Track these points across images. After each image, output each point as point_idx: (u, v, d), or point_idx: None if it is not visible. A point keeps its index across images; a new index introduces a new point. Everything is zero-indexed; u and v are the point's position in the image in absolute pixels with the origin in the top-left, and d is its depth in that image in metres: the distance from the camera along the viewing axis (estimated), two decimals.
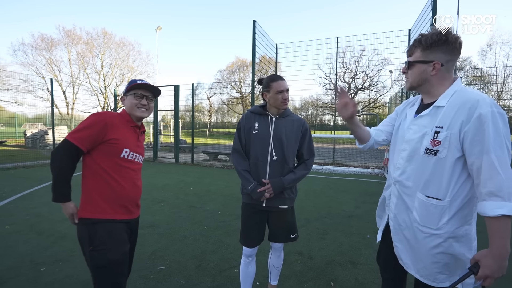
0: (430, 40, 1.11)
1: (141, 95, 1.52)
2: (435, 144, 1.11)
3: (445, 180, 1.11)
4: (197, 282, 2.32)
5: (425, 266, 1.18)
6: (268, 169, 1.79)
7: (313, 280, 2.39)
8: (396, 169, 1.27)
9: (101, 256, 1.35)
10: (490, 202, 0.98)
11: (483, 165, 1.00)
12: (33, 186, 5.81)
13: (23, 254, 2.76)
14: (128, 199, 1.48)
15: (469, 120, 1.03)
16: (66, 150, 1.34)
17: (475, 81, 20.56)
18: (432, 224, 1.14)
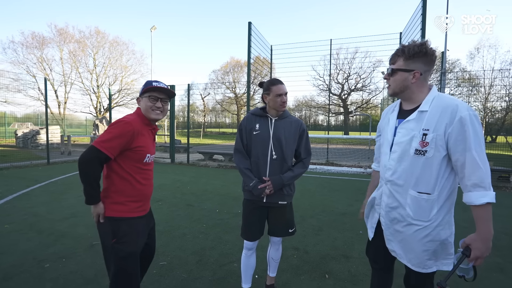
0: (412, 51, 1.25)
1: (156, 97, 1.56)
2: (423, 145, 1.24)
3: (433, 176, 1.25)
4: (199, 276, 2.42)
5: (416, 255, 1.32)
6: (268, 167, 1.91)
7: (309, 273, 2.52)
8: (387, 170, 1.38)
9: (123, 248, 1.48)
10: (475, 193, 1.14)
11: (467, 161, 1.15)
12: (29, 186, 5.79)
13: (25, 252, 2.81)
14: (146, 197, 1.63)
15: (452, 122, 1.17)
16: (96, 158, 1.40)
17: (463, 83, 21.10)
18: (424, 217, 1.28)
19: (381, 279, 1.60)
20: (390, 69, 1.33)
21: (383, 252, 1.48)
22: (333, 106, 32.81)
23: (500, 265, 2.71)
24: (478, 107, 21.33)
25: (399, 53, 1.30)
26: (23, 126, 16.48)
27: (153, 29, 19.58)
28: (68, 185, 5.95)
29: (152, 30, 19.57)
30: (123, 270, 1.48)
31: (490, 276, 2.50)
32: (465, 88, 21.36)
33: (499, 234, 3.52)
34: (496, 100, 21.02)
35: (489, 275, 2.51)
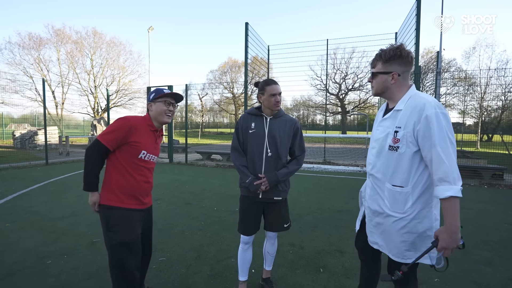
0: (388, 55, 1.36)
1: (170, 102, 1.77)
2: (395, 141, 1.34)
3: (406, 170, 1.34)
4: (197, 271, 2.50)
5: (395, 245, 1.40)
6: (264, 164, 1.99)
7: (304, 267, 2.60)
8: (368, 164, 1.52)
9: (114, 236, 1.59)
10: (440, 187, 1.21)
11: (433, 157, 1.23)
12: (28, 186, 5.84)
13: (27, 249, 2.87)
14: (140, 192, 1.72)
15: (419, 120, 1.26)
16: (97, 149, 1.59)
17: (460, 82, 21.28)
18: (399, 209, 1.37)
19: (369, 270, 1.69)
20: (371, 72, 1.46)
21: (368, 244, 1.57)
22: (331, 106, 32.97)
23: (489, 258, 2.81)
24: (474, 106, 21.53)
25: (377, 57, 1.41)
26: (20, 127, 16.45)
27: (150, 30, 19.60)
28: (67, 185, 6.00)
29: (150, 30, 19.60)
30: (115, 258, 1.59)
31: (478, 269, 2.59)
32: (461, 88, 21.55)
33: (490, 230, 3.63)
34: (492, 99, 21.22)
35: (478, 268, 2.61)
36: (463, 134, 17.71)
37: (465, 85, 21.03)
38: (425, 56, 25.87)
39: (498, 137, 18.11)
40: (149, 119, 1.76)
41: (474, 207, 4.74)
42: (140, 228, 1.72)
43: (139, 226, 1.72)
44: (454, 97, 22.37)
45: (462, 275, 2.49)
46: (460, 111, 21.98)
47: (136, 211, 1.70)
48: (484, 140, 22.56)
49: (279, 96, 1.97)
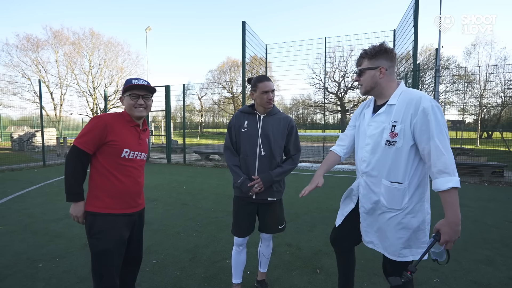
0: (374, 51, 1.38)
1: (137, 95, 1.59)
2: (393, 136, 1.33)
3: (403, 166, 1.33)
4: (191, 273, 2.44)
5: (391, 243, 1.39)
6: (257, 164, 1.93)
7: (301, 268, 2.55)
8: (362, 162, 1.47)
9: (96, 243, 1.50)
10: (440, 179, 1.20)
11: (431, 149, 1.22)
12: (24, 188, 5.78)
13: (19, 252, 2.81)
14: (129, 195, 1.61)
15: (416, 113, 1.26)
16: (74, 155, 1.49)
17: (459, 80, 21.20)
18: (397, 205, 1.36)
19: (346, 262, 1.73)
20: (358, 70, 1.45)
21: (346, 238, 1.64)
22: (330, 105, 32.89)
23: (489, 257, 2.75)
24: (474, 103, 21.46)
25: (362, 55, 1.43)
26: (19, 129, 16.39)
27: (148, 30, 19.54)
28: (63, 187, 5.92)
29: (147, 30, 19.53)
30: (96, 265, 1.51)
31: (479, 268, 2.54)
32: (461, 85, 21.47)
33: (490, 228, 3.57)
34: (492, 96, 21.14)
35: (478, 267, 2.55)
36: (462, 132, 17.65)
37: (465, 82, 20.96)
38: (423, 54, 25.79)
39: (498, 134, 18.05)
40: (127, 114, 1.63)
41: (474, 204, 4.69)
42: (127, 234, 1.62)
43: (126, 231, 1.62)
44: (454, 94, 22.32)
45: (462, 274, 2.44)
46: (459, 108, 21.93)
47: (123, 216, 1.59)
48: (484, 138, 22.48)
49: (271, 93, 1.90)
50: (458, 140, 16.35)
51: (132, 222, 1.67)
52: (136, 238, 1.74)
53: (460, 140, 16.25)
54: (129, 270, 1.78)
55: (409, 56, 8.58)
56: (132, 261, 1.77)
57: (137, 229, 1.74)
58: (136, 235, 1.74)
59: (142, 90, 1.61)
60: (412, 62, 7.23)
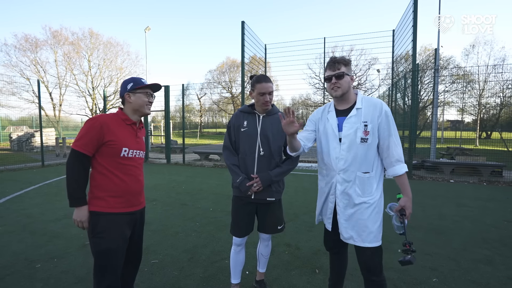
0: (347, 60, 1.59)
1: (150, 93, 1.68)
2: (366, 134, 1.56)
3: (372, 158, 1.58)
4: (190, 273, 2.44)
5: (371, 231, 1.56)
6: (256, 164, 1.92)
7: (300, 268, 2.54)
8: (339, 160, 1.60)
9: (99, 242, 1.50)
10: (397, 166, 1.53)
11: (390, 143, 1.54)
12: (23, 188, 5.77)
13: (17, 252, 2.80)
14: (131, 193, 1.62)
15: (380, 114, 1.55)
16: (75, 159, 1.49)
17: (458, 80, 21.23)
18: (369, 193, 1.57)
19: (339, 261, 1.87)
20: (340, 72, 1.56)
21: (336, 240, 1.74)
22: None
23: (488, 257, 2.75)
24: (473, 103, 21.49)
25: (340, 61, 1.58)
26: (18, 129, 16.36)
27: (147, 30, 19.51)
28: (62, 187, 5.93)
29: (146, 31, 19.51)
30: (99, 264, 1.51)
31: (478, 268, 2.54)
32: (460, 85, 21.50)
33: (489, 228, 3.57)
34: (491, 96, 21.17)
35: (477, 267, 2.55)
36: (462, 132, 17.67)
37: (464, 82, 20.98)
38: (422, 54, 25.78)
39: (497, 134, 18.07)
40: (123, 113, 1.64)
41: (473, 204, 4.69)
42: (129, 232, 1.63)
43: (128, 230, 1.63)
44: (453, 94, 22.34)
45: (461, 274, 2.44)
46: (458, 108, 21.95)
47: (126, 215, 1.60)
48: (483, 138, 22.51)
49: (268, 95, 1.87)
50: (457, 140, 16.37)
51: (134, 221, 1.68)
52: (137, 237, 1.75)
53: (459, 140, 16.27)
54: (129, 269, 1.78)
55: (408, 56, 8.59)
56: (132, 260, 1.77)
57: (138, 228, 1.74)
58: (137, 234, 1.75)
59: (151, 89, 1.69)
60: (412, 62, 7.23)
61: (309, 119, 1.81)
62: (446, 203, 4.78)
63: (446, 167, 7.69)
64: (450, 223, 3.73)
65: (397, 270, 2.48)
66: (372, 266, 1.57)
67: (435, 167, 7.90)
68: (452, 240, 3.15)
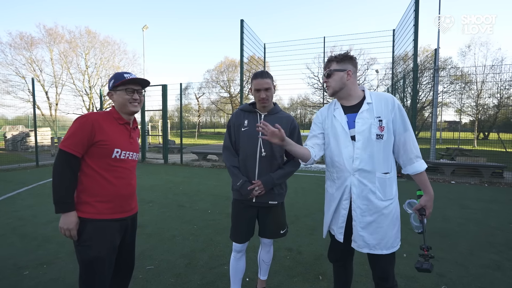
0: (341, 56, 1.50)
1: (133, 89, 1.49)
2: (381, 129, 1.44)
3: (389, 157, 1.47)
4: (187, 280, 2.31)
5: (389, 236, 1.45)
6: (258, 165, 1.81)
7: (302, 275, 2.43)
8: (355, 160, 1.45)
9: (85, 251, 1.38)
10: (417, 163, 1.43)
11: (406, 139, 1.44)
12: (15, 189, 5.61)
13: (5, 258, 2.66)
14: (121, 198, 1.48)
15: (393, 109, 1.45)
16: (63, 160, 1.35)
17: (456, 81, 21.25)
18: (390, 195, 1.46)
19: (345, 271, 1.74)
20: (328, 70, 1.51)
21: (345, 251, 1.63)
22: None
23: (496, 262, 2.66)
24: (471, 104, 21.52)
25: (331, 59, 1.52)
26: (13, 129, 16.12)
27: (144, 29, 19.31)
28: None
29: (144, 29, 19.30)
30: (86, 275, 1.39)
31: (486, 274, 2.44)
32: (458, 86, 21.51)
33: (494, 230, 3.49)
34: (488, 97, 21.21)
35: (486, 273, 2.46)
36: (460, 132, 17.65)
37: (462, 83, 20.99)
38: (421, 55, 25.79)
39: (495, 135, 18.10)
40: (116, 112, 1.51)
41: (477, 206, 4.61)
42: (118, 240, 1.50)
43: (118, 237, 1.50)
44: (451, 95, 22.36)
45: (470, 280, 2.34)
46: (456, 109, 21.97)
47: (115, 221, 1.46)
48: (481, 138, 22.56)
49: (265, 91, 1.76)
50: (455, 141, 16.35)
51: (124, 227, 1.54)
52: (128, 244, 1.61)
53: (457, 140, 16.25)
54: (120, 279, 1.64)
55: (407, 57, 8.52)
56: (123, 269, 1.63)
57: (129, 235, 1.61)
58: (129, 241, 1.61)
59: (137, 85, 1.50)
60: (413, 62, 7.15)
61: (313, 123, 1.68)
62: (449, 205, 4.69)
63: (447, 168, 7.62)
64: (454, 226, 3.63)
65: (403, 276, 2.37)
66: (386, 274, 1.48)
67: (435, 168, 7.84)
68: (458, 244, 3.06)
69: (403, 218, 1.54)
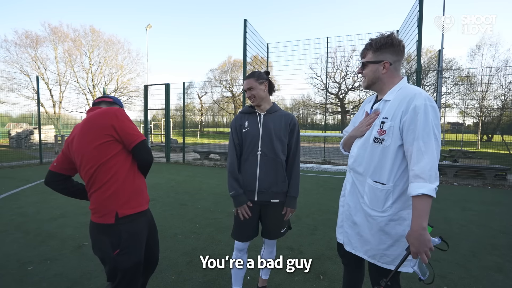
0: (379, 43, 1.28)
1: None
2: (381, 133, 1.25)
3: (388, 166, 1.24)
4: (188, 278, 2.33)
5: (372, 247, 1.31)
6: (259, 163, 1.84)
7: (303, 274, 2.44)
8: (351, 157, 1.42)
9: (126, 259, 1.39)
10: (414, 184, 1.11)
11: (413, 151, 1.13)
12: (19, 186, 5.66)
13: (9, 253, 2.70)
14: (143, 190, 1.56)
15: (407, 111, 1.17)
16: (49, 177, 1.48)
17: (460, 82, 21.10)
18: (378, 207, 1.27)
19: (352, 275, 1.59)
20: (361, 63, 1.35)
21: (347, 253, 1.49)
22: (330, 106, 32.80)
23: (498, 264, 2.65)
24: (475, 106, 21.37)
25: (368, 46, 1.33)
26: (17, 126, 16.24)
27: (148, 28, 19.39)
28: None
29: (148, 28, 19.39)
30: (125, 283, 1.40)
31: (488, 276, 2.43)
32: (462, 87, 21.36)
33: (497, 233, 3.47)
34: (493, 99, 21.04)
35: (488, 275, 2.45)
36: (463, 134, 17.56)
37: (466, 84, 20.84)
38: (424, 56, 25.65)
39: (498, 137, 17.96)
40: None
41: (479, 208, 4.59)
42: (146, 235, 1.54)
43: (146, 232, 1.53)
44: (455, 96, 22.21)
45: (471, 282, 2.34)
46: (460, 111, 21.83)
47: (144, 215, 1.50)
48: (484, 140, 22.40)
49: (249, 91, 1.84)
50: (458, 143, 16.27)
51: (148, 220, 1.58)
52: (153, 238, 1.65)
53: (460, 142, 16.17)
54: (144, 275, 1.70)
55: (411, 58, 8.48)
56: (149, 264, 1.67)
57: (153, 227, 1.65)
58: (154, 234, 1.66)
59: None
60: (416, 62, 7.12)
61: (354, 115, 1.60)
62: (451, 206, 4.68)
63: (450, 169, 7.59)
64: (456, 228, 3.62)
65: (404, 277, 2.37)
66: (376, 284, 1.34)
67: (438, 169, 7.79)
68: (460, 246, 3.05)
69: None
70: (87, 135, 1.36)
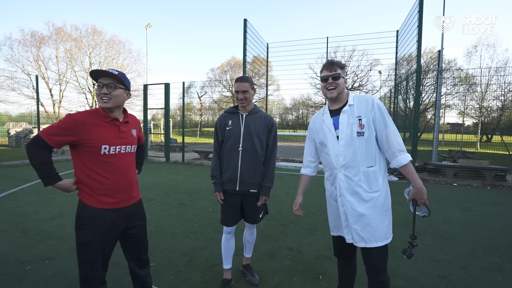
0: (342, 63, 1.63)
1: (101, 84, 1.48)
2: (361, 127, 1.55)
3: (373, 152, 1.56)
4: (187, 278, 2.33)
5: (382, 228, 1.54)
6: (240, 159, 2.06)
7: (302, 274, 2.43)
8: (339, 157, 1.59)
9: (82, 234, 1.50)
10: (400, 156, 1.49)
11: (389, 134, 1.52)
12: (18, 185, 5.65)
13: (7, 253, 2.69)
14: (118, 190, 1.56)
15: (373, 108, 1.55)
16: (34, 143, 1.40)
17: (460, 83, 21.11)
18: (376, 187, 1.55)
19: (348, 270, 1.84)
20: (336, 73, 1.59)
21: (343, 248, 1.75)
22: None
23: (498, 265, 2.64)
24: (474, 106, 21.37)
25: (335, 63, 1.61)
26: (17, 125, 16.21)
27: (148, 27, 19.36)
28: None
29: (148, 28, 19.35)
30: (80, 255, 1.50)
31: (488, 277, 2.43)
32: (461, 88, 21.38)
33: (497, 233, 3.47)
34: (493, 99, 21.06)
35: (487, 276, 2.45)
36: (463, 135, 17.55)
37: (466, 85, 20.85)
38: (424, 56, 25.64)
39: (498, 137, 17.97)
40: (102, 110, 1.53)
41: (479, 209, 4.58)
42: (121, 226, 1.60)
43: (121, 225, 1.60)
44: (454, 97, 22.22)
45: (471, 283, 2.33)
46: (460, 111, 21.83)
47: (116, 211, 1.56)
48: (484, 141, 22.41)
49: (242, 94, 2.01)
50: (458, 143, 16.26)
51: (126, 215, 1.62)
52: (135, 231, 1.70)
53: (460, 143, 16.16)
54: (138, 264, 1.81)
55: (411, 58, 8.48)
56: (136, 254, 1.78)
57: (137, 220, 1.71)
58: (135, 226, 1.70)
59: (107, 78, 1.50)
60: (416, 63, 7.12)
61: (308, 129, 1.84)
62: (451, 207, 4.67)
63: (449, 170, 7.59)
64: (456, 228, 3.62)
65: (404, 278, 2.37)
66: (379, 268, 1.56)
67: (437, 169, 7.80)
68: (459, 246, 3.05)
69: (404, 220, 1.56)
70: None
